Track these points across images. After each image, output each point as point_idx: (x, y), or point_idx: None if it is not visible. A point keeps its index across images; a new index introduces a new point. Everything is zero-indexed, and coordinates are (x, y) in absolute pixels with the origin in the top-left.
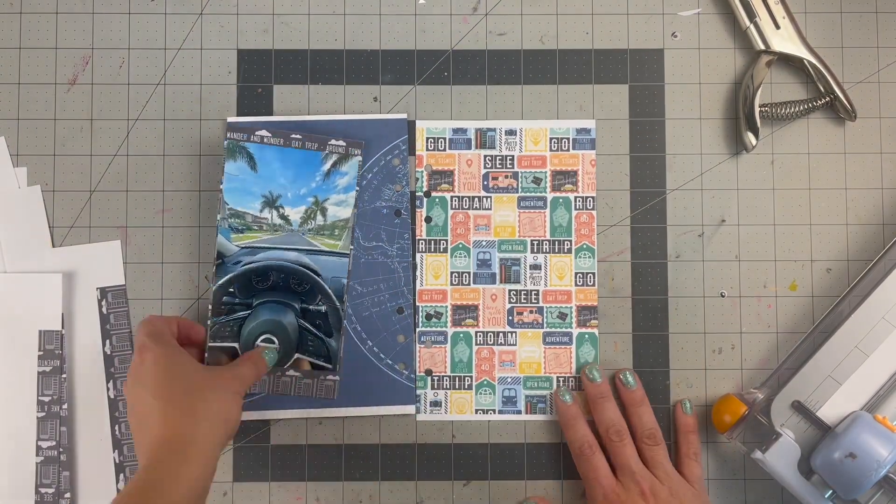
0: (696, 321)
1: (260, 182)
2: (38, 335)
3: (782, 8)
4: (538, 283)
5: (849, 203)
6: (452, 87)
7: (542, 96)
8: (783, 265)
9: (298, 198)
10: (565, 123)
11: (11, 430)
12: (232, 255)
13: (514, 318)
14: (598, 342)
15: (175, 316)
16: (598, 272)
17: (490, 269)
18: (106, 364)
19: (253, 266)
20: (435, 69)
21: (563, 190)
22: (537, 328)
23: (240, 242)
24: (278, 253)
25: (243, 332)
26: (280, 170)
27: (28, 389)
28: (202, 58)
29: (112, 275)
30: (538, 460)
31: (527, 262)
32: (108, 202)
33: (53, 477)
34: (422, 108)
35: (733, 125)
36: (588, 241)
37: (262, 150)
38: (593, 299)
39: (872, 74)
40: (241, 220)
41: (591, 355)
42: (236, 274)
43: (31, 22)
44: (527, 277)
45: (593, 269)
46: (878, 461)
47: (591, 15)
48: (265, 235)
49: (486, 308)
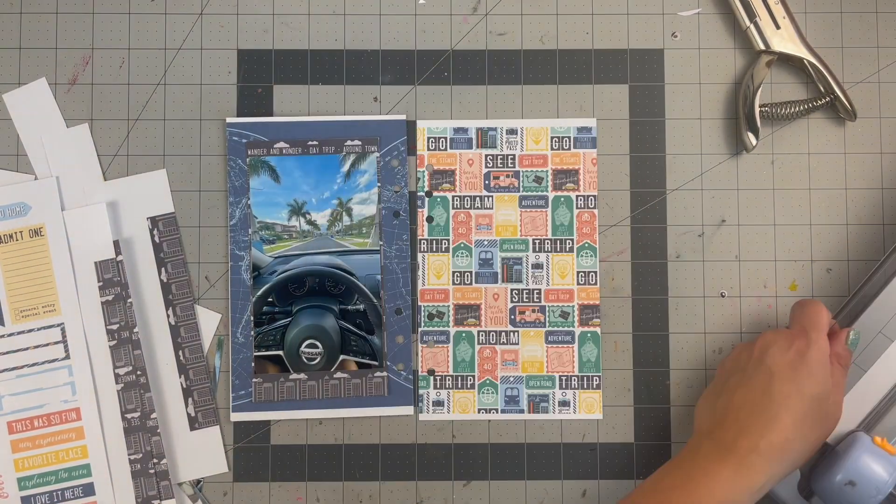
0: (696, 321)
1: (284, 192)
2: (94, 267)
3: (782, 8)
4: (540, 282)
5: (849, 203)
6: (452, 87)
7: (542, 96)
8: (783, 265)
9: (323, 202)
10: (566, 122)
11: (90, 363)
12: (266, 265)
13: (516, 317)
14: (600, 341)
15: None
16: (600, 271)
17: (492, 268)
18: (164, 291)
19: (288, 274)
20: (435, 69)
21: (564, 189)
22: (539, 327)
23: (272, 253)
24: (311, 258)
25: (286, 340)
26: (302, 177)
27: (97, 323)
28: (202, 58)
29: (161, 204)
30: (538, 460)
31: (528, 262)
32: None
33: (137, 401)
34: (422, 109)
35: (733, 125)
36: (590, 240)
37: (282, 161)
38: (595, 298)
39: (872, 74)
40: (271, 230)
41: (594, 354)
42: (273, 284)
43: (31, 22)
44: (528, 277)
45: (595, 267)
46: (878, 487)
47: (592, 15)
48: (296, 243)
49: (489, 307)
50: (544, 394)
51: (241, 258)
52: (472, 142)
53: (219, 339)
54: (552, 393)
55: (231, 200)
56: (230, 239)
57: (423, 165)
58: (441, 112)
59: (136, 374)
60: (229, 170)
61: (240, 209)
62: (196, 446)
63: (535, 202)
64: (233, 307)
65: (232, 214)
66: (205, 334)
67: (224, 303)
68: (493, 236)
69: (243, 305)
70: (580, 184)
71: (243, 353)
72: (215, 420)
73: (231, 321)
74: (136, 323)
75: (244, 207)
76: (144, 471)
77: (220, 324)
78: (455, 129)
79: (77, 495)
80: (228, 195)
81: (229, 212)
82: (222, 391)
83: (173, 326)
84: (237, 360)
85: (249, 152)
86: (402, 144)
